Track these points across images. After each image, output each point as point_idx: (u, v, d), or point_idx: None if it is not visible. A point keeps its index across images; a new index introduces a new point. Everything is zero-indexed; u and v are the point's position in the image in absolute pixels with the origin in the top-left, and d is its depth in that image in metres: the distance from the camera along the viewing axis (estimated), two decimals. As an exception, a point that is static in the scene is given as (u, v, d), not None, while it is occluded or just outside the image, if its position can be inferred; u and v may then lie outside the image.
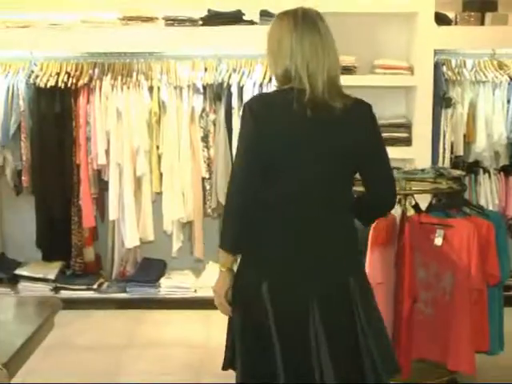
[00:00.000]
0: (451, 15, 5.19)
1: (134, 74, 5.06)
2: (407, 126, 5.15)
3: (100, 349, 4.45)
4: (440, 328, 3.51)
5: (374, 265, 3.32)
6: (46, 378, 3.85)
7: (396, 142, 5.09)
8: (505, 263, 3.57)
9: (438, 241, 3.49)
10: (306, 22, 2.47)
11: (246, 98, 4.82)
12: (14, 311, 2.99)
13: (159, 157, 5.09)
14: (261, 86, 4.97)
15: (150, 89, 5.05)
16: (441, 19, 5.09)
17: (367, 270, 3.25)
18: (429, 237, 3.53)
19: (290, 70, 2.41)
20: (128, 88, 5.00)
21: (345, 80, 4.84)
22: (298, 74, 2.39)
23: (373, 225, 3.32)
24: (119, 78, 5.03)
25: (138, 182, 5.11)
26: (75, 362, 4.22)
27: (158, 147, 5.09)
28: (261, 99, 2.56)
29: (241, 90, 4.97)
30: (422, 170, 3.88)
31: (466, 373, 3.51)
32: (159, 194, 5.15)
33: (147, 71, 5.10)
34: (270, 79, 4.88)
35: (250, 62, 5.07)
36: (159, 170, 5.10)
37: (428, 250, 3.52)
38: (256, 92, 4.91)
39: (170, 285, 5.17)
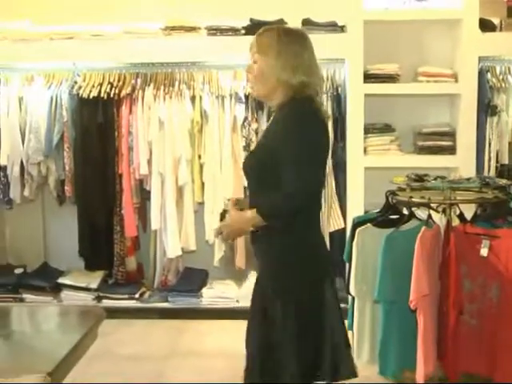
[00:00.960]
0: (496, 21, 5.13)
1: (177, 84, 5.11)
2: (451, 135, 5.12)
3: (142, 359, 4.48)
4: (486, 340, 3.45)
5: (419, 276, 3.29)
6: (90, 387, 3.89)
7: (440, 150, 5.10)
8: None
9: (484, 251, 3.43)
10: (309, 41, 2.82)
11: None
12: (57, 320, 3.04)
13: (201, 166, 5.14)
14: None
15: (192, 98, 5.10)
16: (485, 25, 5.05)
17: (413, 281, 3.24)
18: (474, 247, 3.48)
19: (307, 82, 2.70)
20: (170, 98, 5.06)
21: (388, 88, 4.99)
22: (315, 85, 2.74)
23: (419, 235, 3.30)
24: (161, 87, 5.09)
25: (179, 191, 5.16)
26: (118, 371, 4.25)
27: (199, 156, 5.14)
28: (315, 107, 2.74)
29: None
30: (468, 179, 3.84)
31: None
32: (201, 203, 5.19)
33: (189, 81, 5.15)
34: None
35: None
36: (201, 179, 5.15)
37: (473, 261, 3.47)
38: None
39: (212, 295, 5.21)
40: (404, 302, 3.33)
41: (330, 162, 4.94)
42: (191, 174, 5.14)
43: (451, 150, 5.09)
